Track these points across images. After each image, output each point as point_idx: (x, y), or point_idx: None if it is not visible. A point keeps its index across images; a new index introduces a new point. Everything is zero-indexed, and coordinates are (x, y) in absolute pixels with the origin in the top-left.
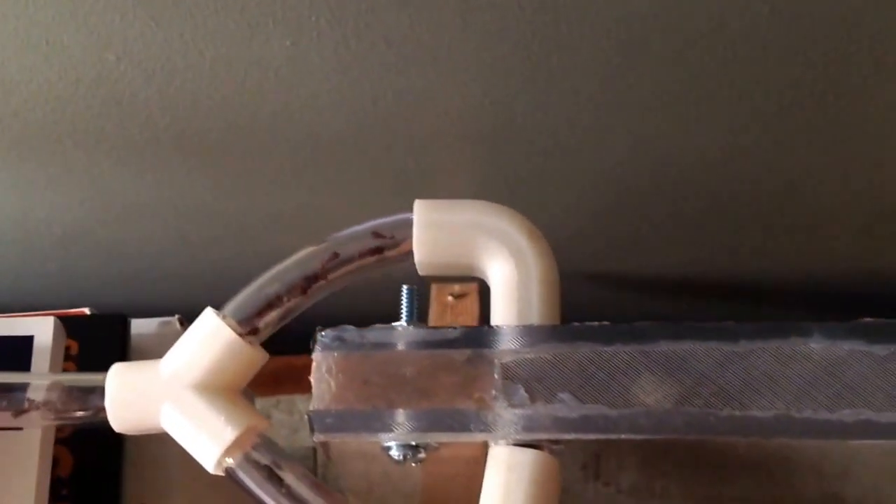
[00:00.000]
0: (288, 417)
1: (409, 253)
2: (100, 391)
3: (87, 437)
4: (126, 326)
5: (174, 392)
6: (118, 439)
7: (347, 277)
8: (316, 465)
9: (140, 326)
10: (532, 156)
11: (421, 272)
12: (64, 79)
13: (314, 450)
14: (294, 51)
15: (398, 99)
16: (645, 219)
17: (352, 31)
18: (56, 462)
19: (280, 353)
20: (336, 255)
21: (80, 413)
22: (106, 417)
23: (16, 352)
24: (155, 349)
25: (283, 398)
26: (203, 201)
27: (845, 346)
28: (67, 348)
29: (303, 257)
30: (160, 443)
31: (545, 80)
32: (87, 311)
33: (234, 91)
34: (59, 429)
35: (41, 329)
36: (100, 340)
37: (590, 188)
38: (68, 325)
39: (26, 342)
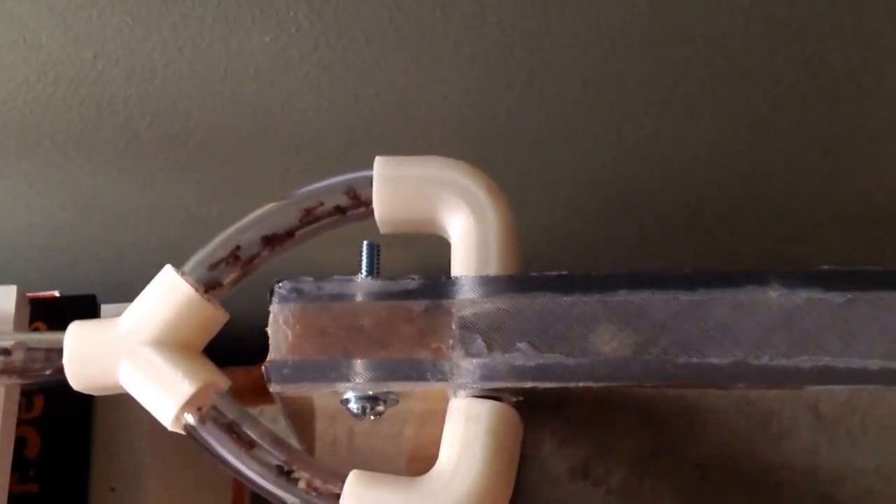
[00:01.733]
0: (272, 426)
1: (371, 210)
2: (60, 351)
3: (55, 419)
4: (96, 308)
5: (132, 348)
6: (87, 421)
7: (308, 235)
8: None
9: (110, 311)
10: (515, 154)
11: (382, 230)
12: (42, 79)
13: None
14: (273, 47)
15: (379, 97)
16: (632, 220)
17: (331, 27)
18: (24, 442)
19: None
20: (297, 211)
21: (42, 372)
22: (59, 380)
23: None
24: None
25: (267, 408)
26: (185, 205)
27: (802, 294)
28: (36, 329)
29: (263, 214)
30: (130, 428)
31: (527, 76)
32: (56, 293)
33: (214, 90)
34: (27, 409)
35: (3, 298)
36: (68, 322)
37: (574, 188)
38: (37, 307)
39: None
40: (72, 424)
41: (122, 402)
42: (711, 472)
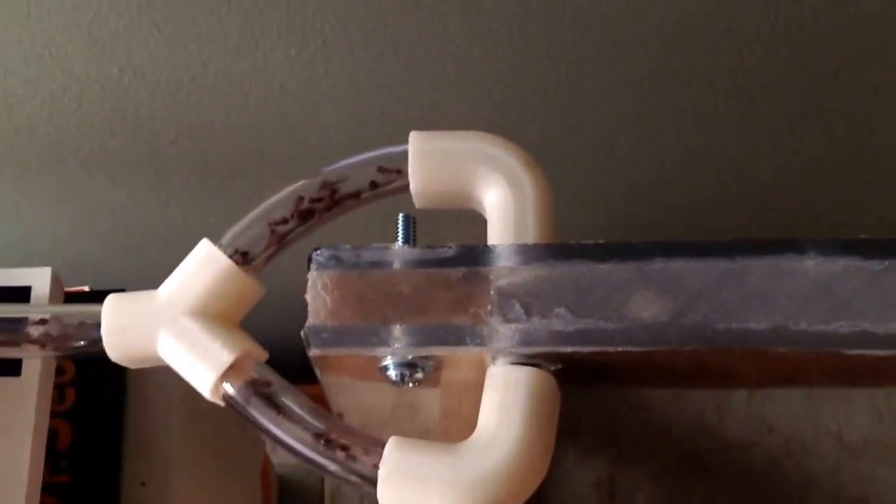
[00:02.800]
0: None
1: (406, 185)
2: (95, 323)
3: (86, 412)
4: None
5: (170, 318)
6: (118, 415)
7: (343, 209)
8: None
9: None
10: (542, 168)
11: (417, 204)
12: (68, 93)
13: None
14: (299, 61)
15: (405, 112)
16: (657, 235)
17: (358, 40)
18: (55, 434)
19: None
20: (332, 186)
21: (77, 344)
22: (96, 351)
23: (14, 301)
24: None
25: None
26: (206, 222)
27: (840, 262)
28: None
29: (298, 188)
30: (160, 423)
31: (553, 90)
32: (86, 287)
33: (238, 105)
34: (58, 401)
35: (38, 279)
36: None
37: (601, 206)
38: (68, 301)
39: (24, 292)
40: (103, 418)
41: (152, 398)
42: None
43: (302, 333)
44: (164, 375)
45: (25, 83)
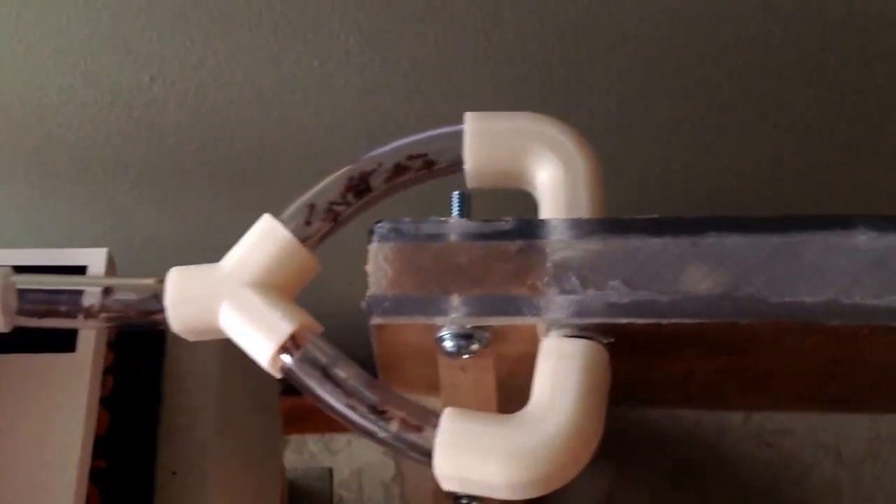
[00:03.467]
0: (297, 457)
1: (458, 164)
2: (153, 295)
3: (124, 400)
4: None
5: (232, 289)
6: (154, 404)
7: (397, 188)
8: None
9: None
10: None
11: (470, 183)
12: (99, 101)
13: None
14: (322, 71)
15: (422, 122)
16: None
17: (378, 52)
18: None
19: (287, 394)
20: (386, 166)
21: (138, 316)
22: (158, 320)
23: None
24: None
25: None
26: (225, 231)
27: (892, 237)
28: None
29: (355, 167)
30: (193, 414)
31: (565, 99)
32: None
33: (261, 115)
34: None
35: (94, 259)
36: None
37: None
38: None
39: (79, 272)
40: (140, 406)
41: (186, 390)
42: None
43: (363, 303)
44: (199, 368)
45: (60, 91)
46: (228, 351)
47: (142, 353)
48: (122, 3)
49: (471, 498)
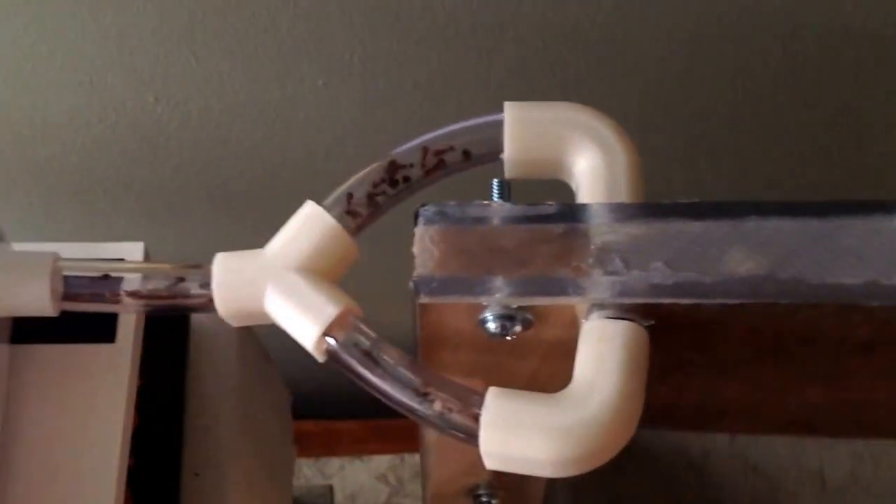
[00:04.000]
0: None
1: (496, 153)
2: (195, 279)
3: (151, 399)
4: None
5: (277, 274)
6: (180, 403)
7: (436, 178)
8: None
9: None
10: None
11: (508, 173)
12: (103, 121)
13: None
14: (325, 91)
15: None
16: None
17: (382, 70)
18: None
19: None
20: (427, 155)
21: (182, 300)
22: (200, 304)
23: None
24: (206, 327)
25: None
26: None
27: None
28: None
29: (396, 156)
30: (217, 416)
31: None
32: None
33: (264, 135)
34: None
35: (131, 252)
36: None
37: None
38: None
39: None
40: (165, 405)
41: (208, 393)
42: None
43: (411, 283)
44: (220, 370)
45: (65, 111)
46: (246, 356)
47: (166, 353)
48: (130, 21)
49: (490, 497)
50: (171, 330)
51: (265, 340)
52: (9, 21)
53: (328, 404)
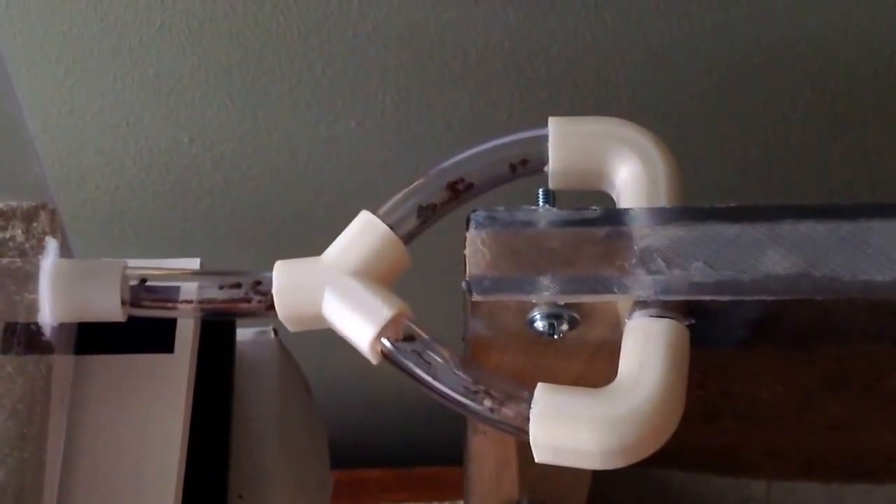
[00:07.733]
0: None
1: (540, 166)
2: (249, 284)
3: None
4: (233, 331)
5: (334, 278)
6: (227, 422)
7: (482, 191)
8: None
9: (240, 334)
10: None
11: (552, 184)
12: (138, 163)
13: None
14: (358, 132)
15: None
16: None
17: (415, 112)
18: None
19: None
20: (474, 169)
21: (235, 304)
22: (258, 309)
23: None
24: (249, 353)
25: None
26: None
27: None
28: None
29: (445, 169)
30: (260, 437)
31: None
32: None
33: (295, 177)
34: None
35: (188, 267)
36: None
37: None
38: None
39: None
40: (214, 424)
41: (253, 416)
42: None
43: (463, 283)
44: (262, 397)
45: (100, 153)
46: (287, 382)
47: (213, 372)
48: (169, 64)
49: None
50: (218, 350)
51: None
52: (51, 65)
53: (357, 455)
